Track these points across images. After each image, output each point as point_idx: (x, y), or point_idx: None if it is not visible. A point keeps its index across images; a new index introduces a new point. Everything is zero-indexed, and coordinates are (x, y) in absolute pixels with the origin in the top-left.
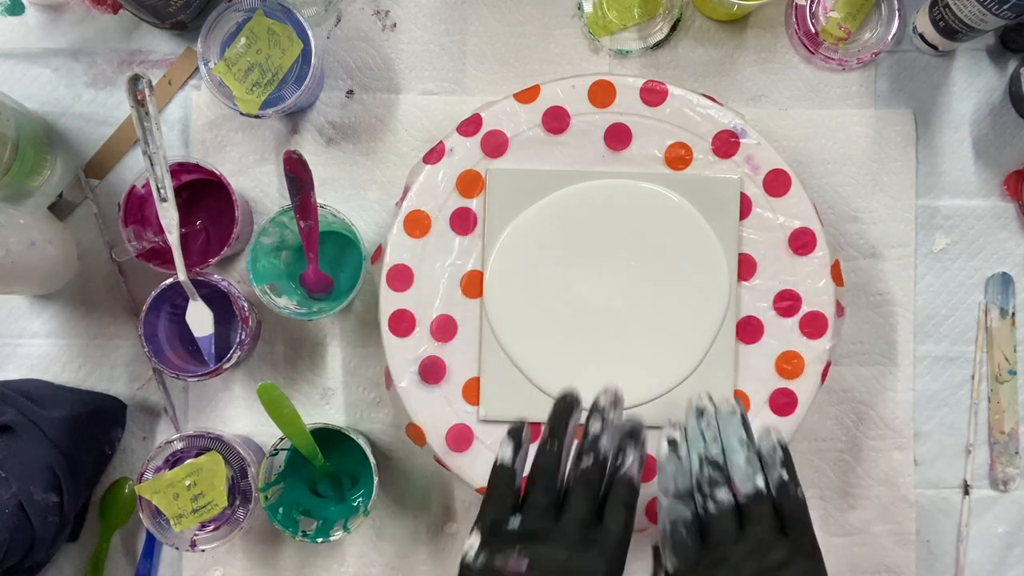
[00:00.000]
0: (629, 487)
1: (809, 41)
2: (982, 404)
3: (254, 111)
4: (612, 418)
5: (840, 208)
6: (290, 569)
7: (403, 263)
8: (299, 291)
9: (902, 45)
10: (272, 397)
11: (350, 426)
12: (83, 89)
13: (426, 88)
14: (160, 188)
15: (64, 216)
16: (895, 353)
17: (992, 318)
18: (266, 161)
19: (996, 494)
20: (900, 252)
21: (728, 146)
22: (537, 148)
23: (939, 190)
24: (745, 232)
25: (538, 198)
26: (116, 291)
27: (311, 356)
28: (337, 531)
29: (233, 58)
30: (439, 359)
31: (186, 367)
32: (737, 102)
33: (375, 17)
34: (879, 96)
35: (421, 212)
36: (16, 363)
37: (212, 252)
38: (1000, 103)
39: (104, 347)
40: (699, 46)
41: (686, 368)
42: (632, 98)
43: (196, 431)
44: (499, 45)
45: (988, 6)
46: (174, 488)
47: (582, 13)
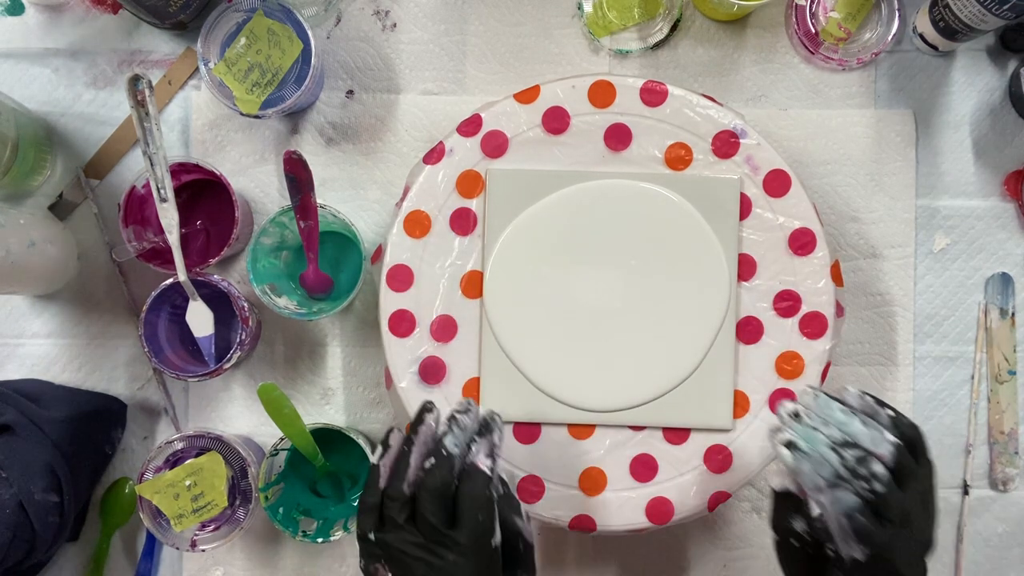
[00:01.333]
0: (475, 473)
1: (809, 41)
2: (982, 404)
3: (254, 111)
4: (462, 420)
5: (840, 208)
6: (290, 569)
7: (403, 263)
8: (299, 291)
9: (902, 45)
10: (272, 397)
11: (350, 426)
12: (83, 89)
13: (426, 88)
14: (160, 188)
15: (64, 216)
16: (895, 353)
17: (992, 318)
18: (266, 161)
19: (995, 494)
20: (900, 252)
21: (728, 146)
22: (537, 148)
23: (939, 190)
24: (745, 232)
25: (538, 198)
26: (116, 291)
27: (311, 356)
28: (337, 531)
29: (233, 58)
30: (439, 359)
31: (186, 367)
32: (737, 102)
33: (375, 17)
34: (879, 96)
35: (421, 212)
36: (16, 363)
37: (212, 252)
38: (1000, 103)
39: (104, 347)
40: (699, 46)
41: (686, 368)
42: (632, 98)
43: (196, 431)
44: (499, 45)
45: (988, 6)
46: (174, 488)
47: (582, 13)
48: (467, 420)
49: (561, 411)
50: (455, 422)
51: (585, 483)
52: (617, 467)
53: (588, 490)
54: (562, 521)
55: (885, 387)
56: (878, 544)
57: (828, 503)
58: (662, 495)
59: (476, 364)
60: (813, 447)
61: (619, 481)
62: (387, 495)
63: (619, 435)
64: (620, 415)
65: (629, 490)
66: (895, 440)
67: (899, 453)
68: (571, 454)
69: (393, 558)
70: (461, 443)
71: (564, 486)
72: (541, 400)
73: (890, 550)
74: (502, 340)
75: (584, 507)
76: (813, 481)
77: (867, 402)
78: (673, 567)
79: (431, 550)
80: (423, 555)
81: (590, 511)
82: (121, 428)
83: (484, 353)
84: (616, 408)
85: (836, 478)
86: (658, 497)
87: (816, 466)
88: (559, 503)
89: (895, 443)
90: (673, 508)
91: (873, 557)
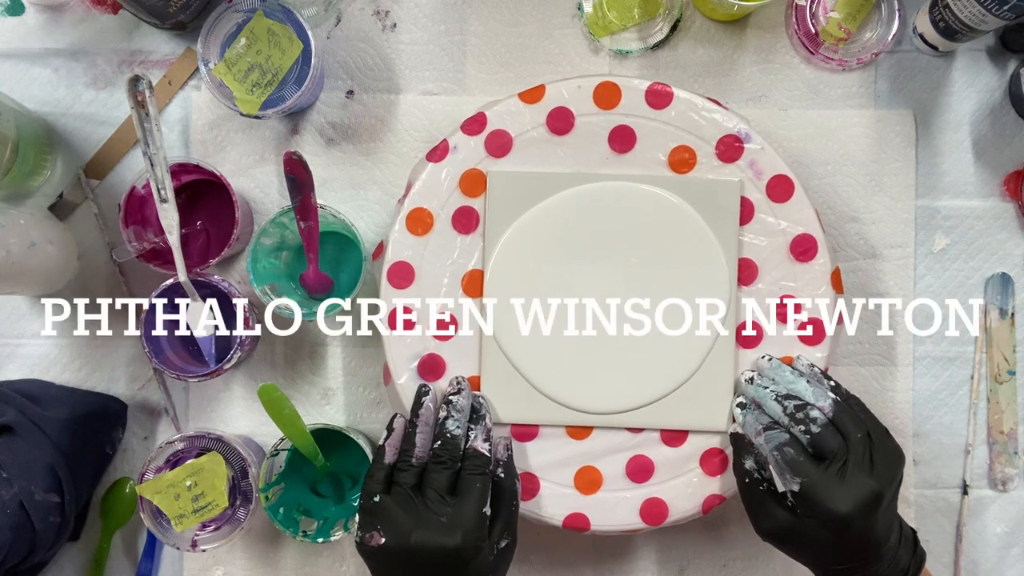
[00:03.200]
0: (476, 456)
1: (809, 41)
2: (981, 404)
3: (254, 112)
4: (457, 402)
5: (840, 208)
6: (291, 569)
7: (404, 260)
8: (299, 291)
9: (902, 45)
10: (273, 398)
11: (350, 426)
12: (83, 89)
13: (426, 88)
14: (160, 189)
15: (64, 216)
16: (894, 353)
17: (991, 318)
18: (266, 161)
19: (995, 494)
20: (900, 252)
21: (732, 150)
22: (541, 148)
23: (939, 190)
24: (747, 237)
25: (538, 200)
26: (116, 291)
27: (311, 356)
28: (337, 531)
29: (233, 59)
30: (438, 356)
31: (186, 367)
32: (737, 102)
33: (375, 17)
34: (879, 96)
35: (423, 210)
36: (16, 363)
37: (212, 253)
38: (1000, 103)
39: (104, 347)
40: (699, 46)
41: (686, 371)
42: (637, 100)
43: (197, 431)
44: (499, 45)
45: (988, 7)
46: (175, 488)
47: (582, 13)
48: (462, 400)
49: (560, 413)
50: (452, 405)
51: (580, 482)
52: (613, 467)
53: (583, 489)
54: (556, 519)
55: (885, 387)
56: (809, 476)
57: (763, 441)
58: (657, 496)
59: (475, 363)
60: (760, 401)
61: (615, 481)
62: (398, 466)
63: (617, 436)
64: (619, 417)
65: (624, 490)
66: (835, 397)
67: (838, 407)
68: (567, 453)
69: (392, 519)
70: (462, 424)
71: (559, 484)
72: (540, 402)
73: (819, 484)
74: (502, 340)
75: (578, 506)
76: (753, 426)
77: (814, 372)
78: (673, 567)
79: (432, 512)
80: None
81: (584, 510)
82: (122, 428)
83: (484, 353)
84: (615, 411)
85: (773, 424)
86: (653, 498)
87: (756, 418)
88: (554, 501)
89: (835, 399)
90: (668, 510)
91: (805, 490)
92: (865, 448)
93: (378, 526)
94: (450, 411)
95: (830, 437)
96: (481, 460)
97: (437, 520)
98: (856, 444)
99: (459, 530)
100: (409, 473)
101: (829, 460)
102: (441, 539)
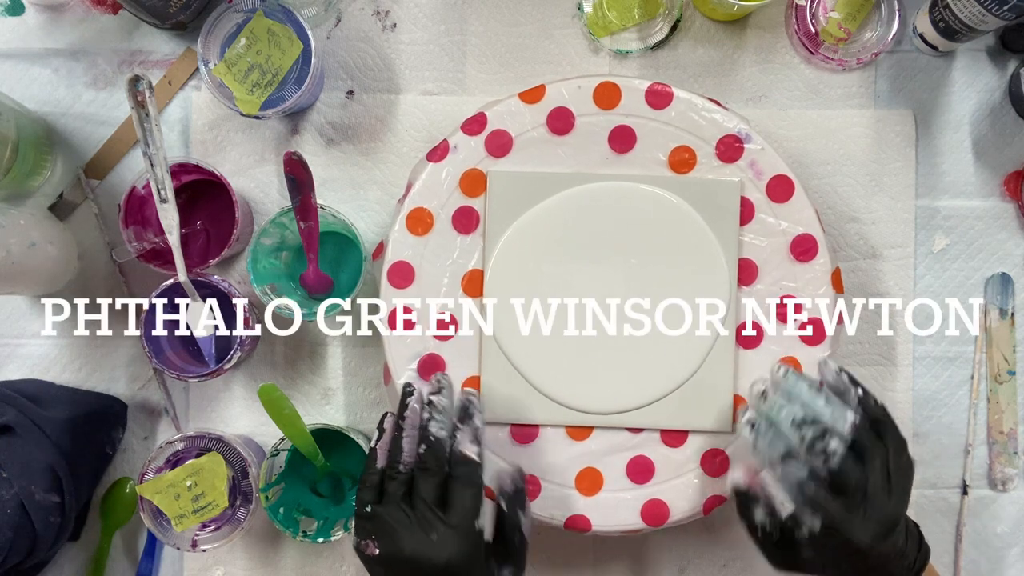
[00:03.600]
0: (464, 464)
1: (809, 41)
2: (981, 404)
3: (254, 112)
4: (439, 403)
5: (840, 208)
6: (291, 569)
7: (404, 260)
8: (299, 291)
9: (902, 45)
10: (273, 398)
11: (350, 426)
12: (83, 89)
13: (426, 88)
14: (160, 189)
15: (64, 216)
16: (894, 353)
17: (991, 318)
18: (266, 161)
19: (995, 494)
20: (900, 252)
21: (732, 151)
22: (541, 148)
23: (939, 190)
24: (747, 237)
25: (539, 200)
26: (116, 291)
27: (311, 356)
28: (338, 531)
29: (233, 59)
30: (438, 356)
31: (187, 367)
32: (737, 102)
33: (375, 17)
34: (879, 96)
35: (424, 210)
36: (16, 363)
37: (212, 253)
38: (1000, 103)
39: (104, 347)
40: (699, 46)
41: (686, 372)
42: (637, 100)
43: (197, 432)
44: (499, 45)
45: (988, 7)
46: (175, 488)
47: (582, 13)
48: (444, 401)
49: (560, 413)
50: (433, 407)
51: (581, 483)
52: (614, 468)
53: (584, 490)
54: (557, 520)
55: (885, 387)
56: (831, 514)
57: (780, 476)
58: (658, 497)
59: (475, 363)
60: (774, 423)
61: (615, 482)
62: (387, 474)
63: (617, 437)
64: (619, 417)
65: (625, 491)
66: (855, 419)
67: (859, 431)
68: (568, 454)
69: (385, 532)
70: (446, 426)
71: (560, 485)
72: (540, 401)
73: (843, 521)
74: (502, 340)
75: (579, 507)
76: (767, 456)
77: (841, 379)
78: (673, 567)
79: (421, 526)
80: (414, 530)
81: (585, 511)
82: (122, 428)
83: (484, 353)
84: (615, 411)
85: (789, 453)
86: (654, 499)
87: (771, 444)
88: (555, 502)
89: (855, 421)
90: (668, 510)
91: (827, 527)
92: (883, 470)
93: (372, 536)
94: (432, 413)
95: (850, 470)
96: (469, 467)
97: (427, 536)
98: (876, 471)
99: (448, 548)
100: (398, 481)
101: (850, 492)
102: (431, 555)
